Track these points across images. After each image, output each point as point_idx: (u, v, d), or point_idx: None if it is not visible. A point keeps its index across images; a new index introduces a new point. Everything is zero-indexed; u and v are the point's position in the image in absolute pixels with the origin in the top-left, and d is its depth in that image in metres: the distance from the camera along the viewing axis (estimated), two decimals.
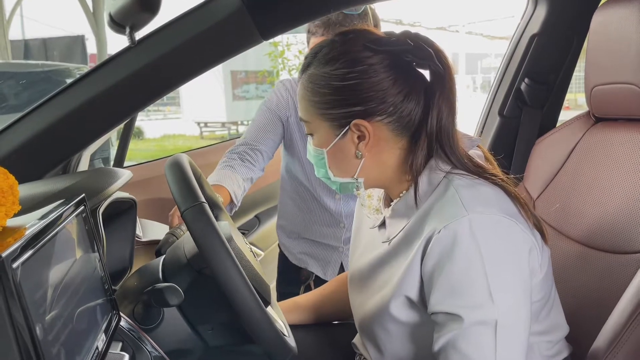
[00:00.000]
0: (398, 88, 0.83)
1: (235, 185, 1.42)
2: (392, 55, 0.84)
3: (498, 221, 0.79)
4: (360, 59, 0.83)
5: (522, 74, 1.50)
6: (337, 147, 0.87)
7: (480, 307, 0.76)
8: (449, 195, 0.82)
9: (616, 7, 1.13)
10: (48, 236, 0.61)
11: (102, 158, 2.15)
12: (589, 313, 1.05)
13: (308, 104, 0.88)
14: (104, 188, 0.94)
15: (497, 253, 0.77)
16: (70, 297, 0.65)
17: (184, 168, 0.91)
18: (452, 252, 0.77)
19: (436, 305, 0.79)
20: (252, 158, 1.51)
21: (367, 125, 0.84)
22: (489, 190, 0.84)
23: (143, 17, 0.56)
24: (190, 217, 0.82)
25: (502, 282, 0.77)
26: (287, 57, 7.31)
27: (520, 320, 0.78)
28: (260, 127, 1.54)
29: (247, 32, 1.15)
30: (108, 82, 1.09)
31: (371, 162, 0.87)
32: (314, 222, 1.62)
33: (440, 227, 0.78)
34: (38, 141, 1.07)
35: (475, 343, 0.76)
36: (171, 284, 0.87)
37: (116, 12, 0.55)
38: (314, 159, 0.91)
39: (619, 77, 1.12)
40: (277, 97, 1.56)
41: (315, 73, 0.87)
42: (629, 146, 1.12)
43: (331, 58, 0.85)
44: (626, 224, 1.04)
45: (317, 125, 0.88)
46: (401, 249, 0.87)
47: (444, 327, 0.78)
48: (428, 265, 0.80)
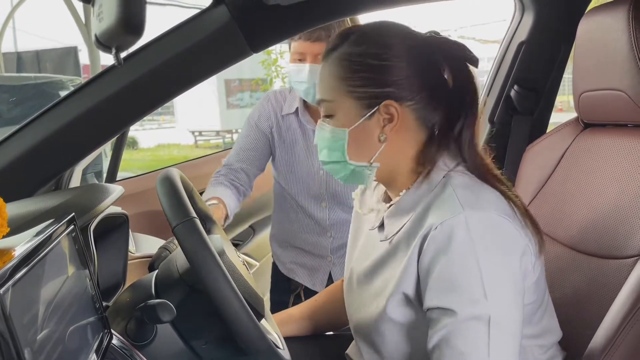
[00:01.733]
0: (428, 79, 0.86)
1: (230, 199, 1.44)
2: (422, 47, 0.87)
3: (493, 219, 0.80)
4: (395, 43, 0.86)
5: (512, 81, 1.51)
6: (360, 128, 0.87)
7: (474, 303, 0.76)
8: (446, 193, 0.83)
9: (602, 14, 1.14)
10: (37, 258, 0.61)
11: (95, 172, 2.15)
12: (581, 318, 1.05)
13: (335, 81, 0.88)
14: (95, 205, 0.94)
15: (491, 250, 0.79)
16: (60, 317, 0.65)
17: (174, 183, 0.91)
18: (448, 248, 0.78)
19: (430, 301, 0.80)
20: (239, 181, 1.54)
21: (398, 107, 0.85)
22: (487, 191, 0.85)
23: (128, 40, 0.57)
24: (182, 233, 0.83)
25: (495, 279, 0.78)
26: (280, 64, 7.33)
27: (513, 318, 0.79)
28: (242, 147, 1.58)
29: (237, 45, 1.16)
30: (98, 98, 1.10)
31: (390, 149, 0.87)
32: (301, 231, 1.64)
33: (436, 224, 0.79)
34: (28, 158, 1.08)
35: (468, 338, 0.76)
36: (163, 300, 0.87)
37: (101, 34, 0.56)
38: (328, 141, 0.90)
39: (606, 83, 1.13)
40: (259, 112, 1.60)
41: (348, 52, 0.87)
42: (617, 152, 1.13)
43: (367, 39, 0.87)
44: (616, 229, 1.05)
45: (341, 104, 0.88)
46: (401, 247, 0.87)
47: (438, 323, 0.79)
48: (424, 261, 0.81)
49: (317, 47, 1.39)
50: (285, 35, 1.23)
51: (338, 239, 1.60)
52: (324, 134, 0.90)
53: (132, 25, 0.53)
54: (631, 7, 1.05)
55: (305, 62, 1.42)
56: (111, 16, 0.52)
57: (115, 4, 0.51)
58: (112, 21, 0.53)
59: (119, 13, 0.52)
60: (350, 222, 1.58)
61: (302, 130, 1.55)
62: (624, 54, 1.06)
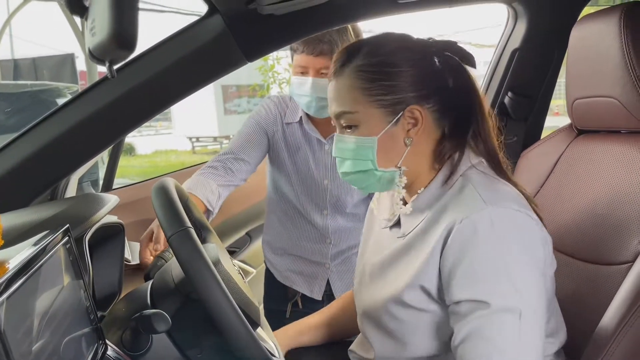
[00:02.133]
0: (439, 80, 0.91)
1: (208, 191, 1.41)
2: (426, 53, 0.91)
3: (515, 214, 0.83)
4: (406, 51, 0.90)
5: (505, 88, 1.52)
6: (388, 135, 0.89)
7: (505, 295, 0.79)
8: (466, 191, 0.86)
9: (594, 22, 1.15)
10: (32, 270, 0.61)
11: (91, 181, 2.15)
12: (576, 324, 1.05)
13: (358, 92, 0.89)
14: (90, 216, 0.94)
15: (516, 243, 0.82)
16: (55, 328, 0.65)
17: (169, 193, 0.91)
18: (474, 241, 0.81)
19: (459, 294, 0.82)
20: (234, 167, 1.50)
21: (422, 110, 0.88)
22: (505, 188, 0.89)
23: (120, 54, 0.57)
24: (176, 243, 0.83)
25: (522, 272, 0.81)
26: (277, 70, 7.35)
27: (539, 310, 0.82)
28: (246, 138, 1.54)
29: (232, 54, 1.17)
30: (94, 107, 1.10)
31: (414, 150, 0.91)
32: (300, 238, 1.62)
33: (461, 218, 0.82)
34: (24, 168, 1.08)
35: (500, 330, 0.79)
36: (158, 311, 0.87)
37: (94, 48, 0.56)
38: (353, 152, 0.91)
39: (598, 90, 1.14)
40: (265, 112, 1.57)
41: (365, 63, 0.89)
42: (610, 158, 1.14)
43: (379, 50, 0.90)
44: (610, 235, 1.05)
45: (365, 114, 0.90)
46: (416, 242, 0.90)
47: (467, 316, 0.81)
48: (449, 255, 0.83)
49: (320, 62, 1.39)
50: (279, 45, 1.24)
51: (337, 246, 1.60)
52: (347, 145, 0.92)
53: (125, 40, 0.54)
54: (623, 15, 1.06)
55: (307, 75, 1.41)
56: (103, 31, 0.53)
57: (107, 18, 0.52)
58: (105, 36, 0.53)
59: (111, 28, 0.52)
60: (350, 230, 1.59)
61: (306, 139, 1.54)
62: (616, 61, 1.07)
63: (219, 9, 1.11)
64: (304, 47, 1.39)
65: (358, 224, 1.61)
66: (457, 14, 25.13)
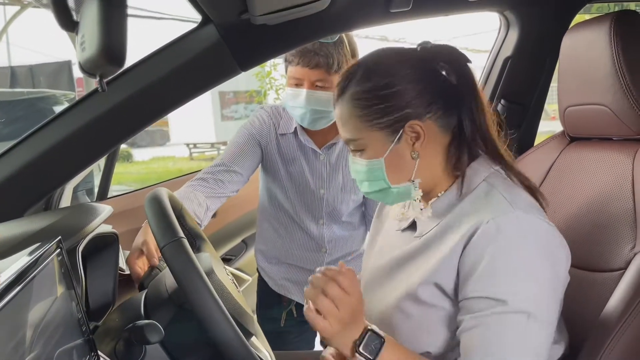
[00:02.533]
0: (435, 89, 0.92)
1: (196, 204, 1.40)
2: (421, 62, 0.92)
3: (543, 225, 0.85)
4: (397, 68, 0.91)
5: (498, 96, 1.53)
6: (393, 153, 0.92)
7: (522, 297, 0.81)
8: (492, 195, 0.88)
9: (584, 30, 1.15)
10: (24, 282, 0.61)
11: (86, 189, 2.15)
12: (570, 330, 1.05)
13: (356, 120, 0.92)
14: (83, 227, 0.95)
15: (539, 250, 0.83)
16: (47, 341, 0.65)
17: (162, 203, 0.91)
18: (499, 241, 0.82)
19: (476, 290, 0.83)
20: (225, 178, 1.49)
21: (421, 124, 0.90)
22: (527, 196, 0.91)
23: (110, 69, 0.58)
24: (169, 253, 0.83)
25: (542, 278, 0.83)
26: (274, 77, 7.37)
27: (551, 318, 0.84)
28: (238, 149, 1.54)
29: (226, 63, 1.18)
30: (88, 118, 1.11)
31: (424, 162, 0.93)
32: (294, 247, 1.62)
33: (488, 219, 0.84)
34: (18, 179, 1.08)
35: (508, 328, 0.81)
36: (151, 321, 0.87)
37: (84, 62, 0.57)
38: (366, 174, 0.94)
39: (589, 98, 1.14)
40: (259, 122, 1.56)
41: (358, 90, 0.92)
42: (603, 165, 1.14)
43: (371, 73, 0.92)
44: (602, 242, 1.06)
45: (368, 138, 0.92)
46: (433, 242, 0.91)
47: (476, 309, 0.82)
48: (471, 253, 0.85)
49: (315, 74, 1.39)
50: (273, 54, 1.24)
51: (332, 255, 1.60)
52: (360, 168, 0.95)
53: (114, 56, 0.54)
54: (613, 23, 1.07)
55: (302, 87, 1.41)
56: (93, 46, 0.53)
57: (96, 34, 0.52)
58: (94, 51, 0.54)
59: (101, 44, 0.53)
60: (345, 238, 1.59)
61: (301, 150, 1.54)
62: (607, 69, 1.08)
63: (212, 19, 1.11)
64: (300, 59, 1.39)
65: (353, 232, 1.61)
66: (453, 20, 25.31)
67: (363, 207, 1.61)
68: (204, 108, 12.13)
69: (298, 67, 1.40)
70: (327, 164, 1.53)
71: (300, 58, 1.38)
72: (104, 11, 0.53)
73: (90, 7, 0.54)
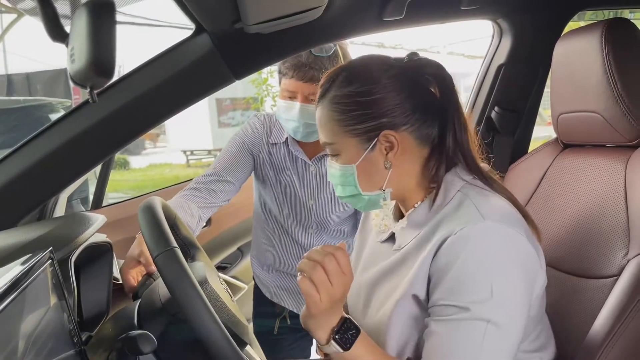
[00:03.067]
0: (417, 100, 0.91)
1: (188, 215, 1.40)
2: (406, 72, 0.92)
3: (511, 234, 0.84)
4: (380, 76, 0.90)
5: (492, 103, 1.54)
6: (366, 161, 0.91)
7: (486, 305, 0.80)
8: (465, 205, 0.87)
9: (577, 38, 1.16)
10: (14, 294, 0.61)
11: (81, 198, 2.15)
12: (564, 336, 1.05)
13: (333, 124, 0.92)
14: (75, 237, 0.94)
15: (507, 261, 0.82)
16: (38, 352, 0.65)
17: (156, 212, 0.91)
18: (467, 250, 0.82)
19: (442, 298, 0.83)
20: (217, 188, 1.49)
21: (396, 134, 0.90)
22: (503, 204, 0.89)
23: (99, 81, 0.58)
24: (162, 263, 0.83)
25: (509, 288, 0.82)
26: (271, 83, 7.39)
27: (514, 329, 0.82)
28: (231, 157, 1.54)
29: (220, 72, 1.18)
30: (81, 128, 1.11)
31: (397, 172, 0.92)
32: (286, 255, 1.62)
33: (457, 229, 0.83)
34: (11, 188, 1.08)
35: (468, 335, 0.80)
36: (144, 332, 0.86)
37: (74, 74, 0.57)
38: (339, 178, 0.95)
39: (582, 105, 1.15)
40: (252, 130, 1.56)
41: (338, 94, 0.92)
42: (596, 171, 1.15)
43: (353, 79, 0.92)
44: (596, 249, 1.06)
45: (344, 143, 0.92)
46: (411, 255, 0.91)
47: (446, 316, 0.82)
48: (438, 263, 0.84)
49: (309, 88, 1.38)
50: (267, 63, 1.25)
51: None
52: (334, 171, 0.96)
53: (103, 68, 0.54)
54: (604, 31, 1.08)
55: (295, 100, 1.41)
56: (82, 58, 0.54)
57: (86, 47, 0.53)
58: (83, 63, 0.54)
59: (90, 56, 0.53)
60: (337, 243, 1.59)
61: (292, 160, 1.54)
62: (599, 76, 1.08)
63: (206, 28, 1.12)
64: (294, 72, 1.38)
65: (344, 240, 1.61)
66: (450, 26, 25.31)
67: (355, 216, 1.61)
68: (201, 115, 12.12)
69: (292, 80, 1.39)
70: (317, 175, 1.53)
71: (295, 71, 1.38)
72: (94, 24, 0.54)
73: (80, 19, 0.55)
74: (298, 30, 1.15)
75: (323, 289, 0.82)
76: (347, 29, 1.24)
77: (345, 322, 0.86)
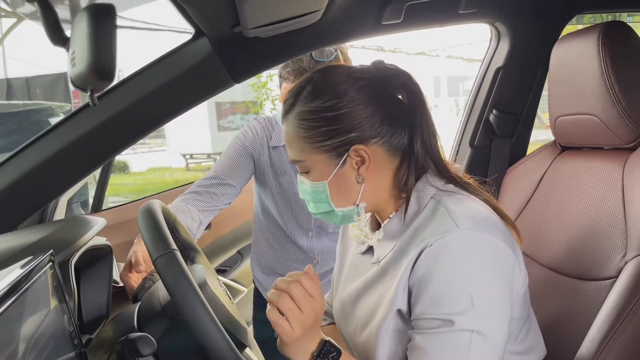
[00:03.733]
0: (386, 111, 0.88)
1: (189, 219, 1.40)
2: (373, 83, 0.89)
3: (486, 239, 0.83)
4: (347, 89, 0.87)
5: (490, 106, 1.54)
6: (337, 177, 0.89)
7: (467, 316, 0.79)
8: (439, 214, 0.86)
9: (574, 41, 1.17)
10: (15, 296, 0.61)
11: (81, 201, 2.16)
12: (562, 338, 1.06)
13: (301, 141, 0.89)
14: (75, 240, 0.95)
15: (483, 267, 0.81)
16: (38, 354, 0.65)
17: (155, 215, 0.92)
18: (443, 263, 0.80)
19: (424, 312, 0.82)
20: (218, 191, 1.50)
21: (366, 148, 0.87)
22: (478, 207, 0.88)
23: (100, 84, 0.58)
24: (162, 265, 0.83)
25: (487, 296, 0.81)
26: (270, 87, 7.41)
27: (498, 335, 0.81)
28: (231, 161, 1.55)
29: (219, 76, 1.19)
30: (81, 131, 1.11)
31: (369, 185, 0.90)
32: (286, 258, 1.63)
33: (432, 241, 0.82)
34: (11, 192, 1.08)
35: (452, 347, 0.79)
36: (144, 334, 0.87)
37: (75, 78, 0.57)
38: (311, 195, 0.92)
39: (579, 108, 1.16)
40: (252, 133, 1.57)
41: (304, 110, 0.89)
42: (594, 174, 1.15)
43: (318, 93, 0.88)
44: (594, 251, 1.07)
45: (313, 161, 0.90)
46: (390, 268, 0.89)
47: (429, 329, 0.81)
48: (417, 275, 0.83)
49: None
50: (266, 66, 1.25)
51: (324, 266, 1.60)
52: (306, 188, 0.93)
53: (103, 72, 0.55)
54: (601, 34, 1.09)
55: None
56: (83, 62, 0.54)
57: (86, 51, 0.53)
58: (84, 67, 0.55)
59: (90, 60, 0.54)
60: (335, 249, 1.59)
61: (291, 163, 1.55)
62: (596, 79, 1.09)
63: (205, 32, 1.12)
64: (295, 77, 1.40)
65: None
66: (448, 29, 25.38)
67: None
68: (200, 118, 12.13)
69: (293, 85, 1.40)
70: None
71: (296, 76, 1.39)
72: (94, 28, 0.54)
73: (81, 23, 0.55)
74: (297, 33, 1.16)
75: (292, 317, 0.82)
76: (345, 33, 1.24)
77: (325, 345, 0.85)
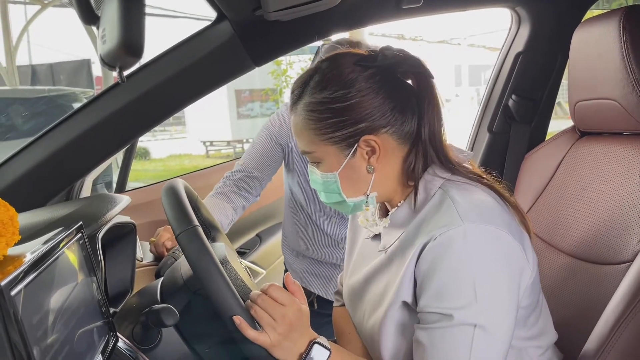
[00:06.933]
0: (395, 99, 0.87)
1: (223, 215, 1.46)
2: (382, 70, 0.87)
3: (492, 232, 0.82)
4: (355, 78, 0.86)
5: (509, 91, 1.54)
6: (348, 167, 0.89)
7: (470, 310, 0.79)
8: (445, 205, 0.85)
9: (595, 25, 1.16)
10: (46, 263, 0.64)
11: (105, 182, 2.21)
12: (578, 322, 1.07)
13: (310, 133, 0.89)
14: (103, 214, 0.98)
15: (488, 262, 0.81)
16: (68, 320, 0.68)
17: (178, 193, 0.95)
18: (446, 257, 0.80)
19: (428, 305, 0.82)
20: (248, 185, 1.55)
21: (376, 139, 0.86)
22: (484, 198, 0.87)
23: (129, 60, 0.61)
24: (184, 240, 0.86)
25: (491, 289, 0.80)
26: (290, 75, 7.42)
27: (502, 329, 0.81)
28: (259, 153, 1.58)
29: (240, 59, 1.21)
30: (107, 111, 1.15)
31: (380, 175, 0.90)
32: (313, 243, 1.66)
33: (437, 235, 0.81)
34: (40, 171, 1.12)
35: (455, 342, 0.79)
36: (167, 305, 0.90)
37: (105, 54, 0.60)
38: (322, 186, 0.92)
39: (599, 93, 1.15)
40: (279, 121, 1.59)
41: (312, 101, 0.88)
42: (612, 159, 1.15)
43: (326, 83, 0.87)
44: (610, 235, 1.07)
45: (323, 152, 0.89)
46: (396, 257, 0.90)
47: (432, 323, 0.82)
48: (421, 269, 0.83)
49: None
50: (286, 49, 1.27)
51: None
52: (316, 179, 0.93)
53: (133, 48, 0.57)
54: (622, 19, 1.08)
55: None
56: (113, 39, 0.57)
57: (117, 28, 0.56)
58: (114, 44, 0.57)
59: (120, 37, 0.56)
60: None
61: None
62: (616, 64, 1.09)
63: (227, 15, 1.14)
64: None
65: None
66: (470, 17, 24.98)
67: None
68: (220, 106, 12.20)
69: None
70: None
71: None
72: (124, 7, 0.57)
73: (111, 3, 0.58)
74: (317, 17, 1.17)
75: (264, 324, 0.84)
76: (365, 17, 1.25)
77: (313, 345, 0.87)
